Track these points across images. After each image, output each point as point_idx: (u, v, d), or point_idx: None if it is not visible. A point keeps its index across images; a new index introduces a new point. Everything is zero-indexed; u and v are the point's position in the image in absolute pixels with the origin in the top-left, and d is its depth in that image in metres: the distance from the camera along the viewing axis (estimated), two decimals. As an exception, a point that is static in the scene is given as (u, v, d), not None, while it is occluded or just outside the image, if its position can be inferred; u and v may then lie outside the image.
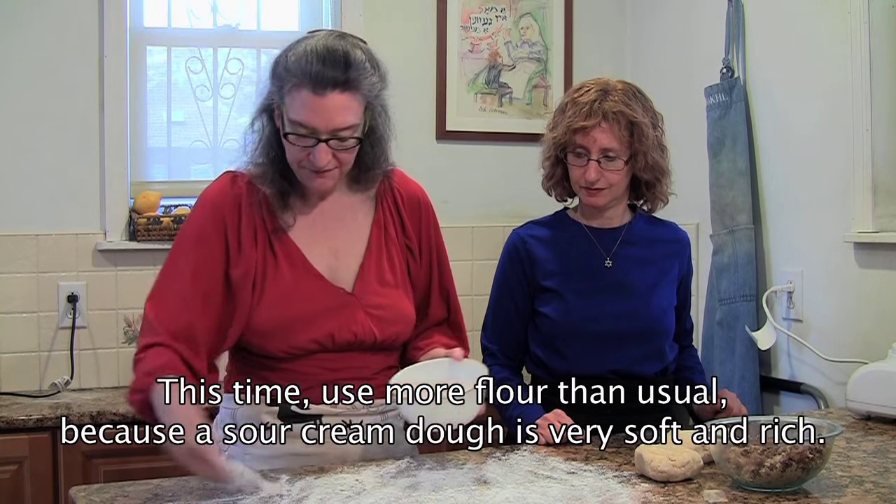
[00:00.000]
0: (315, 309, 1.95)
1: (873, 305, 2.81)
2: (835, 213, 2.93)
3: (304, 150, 1.89)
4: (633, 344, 2.31)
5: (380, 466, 1.90)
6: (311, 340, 1.94)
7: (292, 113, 1.88)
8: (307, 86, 1.86)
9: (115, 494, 1.76)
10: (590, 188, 2.28)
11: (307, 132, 1.88)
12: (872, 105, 2.80)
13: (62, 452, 2.86)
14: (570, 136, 2.27)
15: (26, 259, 3.27)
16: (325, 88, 1.86)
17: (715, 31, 3.37)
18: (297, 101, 1.87)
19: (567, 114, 2.28)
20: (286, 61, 1.89)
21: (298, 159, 1.91)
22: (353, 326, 1.96)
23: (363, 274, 2.00)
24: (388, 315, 2.00)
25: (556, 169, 2.36)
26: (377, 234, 2.05)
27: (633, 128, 2.25)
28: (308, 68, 1.86)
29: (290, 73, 1.87)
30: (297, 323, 1.93)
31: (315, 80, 1.85)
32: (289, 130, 1.89)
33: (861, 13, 2.81)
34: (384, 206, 2.07)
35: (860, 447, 2.11)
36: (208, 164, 3.62)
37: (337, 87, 1.87)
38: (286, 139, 1.90)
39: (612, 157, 2.25)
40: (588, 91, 2.28)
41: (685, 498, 1.74)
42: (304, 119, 1.87)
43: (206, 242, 1.93)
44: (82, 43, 3.33)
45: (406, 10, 3.70)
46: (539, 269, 2.34)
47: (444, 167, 3.66)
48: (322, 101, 1.86)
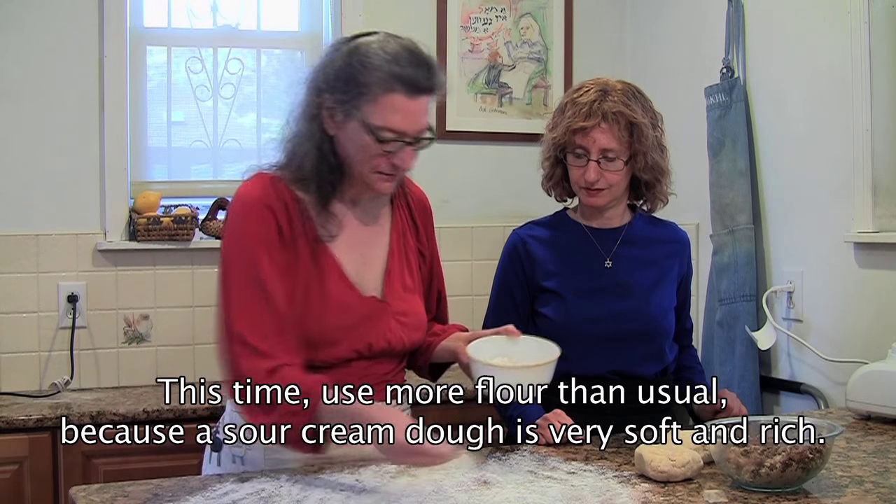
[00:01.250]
0: (354, 319, 1.94)
1: (873, 305, 2.81)
2: (835, 213, 2.93)
3: (385, 155, 1.87)
4: (633, 344, 2.31)
5: (380, 466, 1.90)
6: (353, 350, 1.94)
7: (379, 119, 1.84)
8: (400, 90, 1.83)
9: (115, 494, 1.76)
10: (589, 188, 2.28)
11: (395, 136, 1.86)
12: (872, 105, 2.80)
13: (62, 452, 2.86)
14: (569, 137, 2.27)
15: (26, 259, 3.27)
16: (418, 92, 1.85)
17: (715, 31, 3.37)
18: (388, 107, 1.84)
19: (566, 114, 2.28)
20: (364, 67, 1.84)
21: (376, 164, 1.88)
22: (387, 335, 1.98)
23: (389, 280, 2.01)
24: (412, 321, 2.03)
25: (556, 169, 2.36)
26: (397, 239, 2.05)
27: (632, 128, 2.25)
28: (400, 72, 1.83)
29: (378, 79, 1.83)
30: (341, 333, 1.93)
31: (409, 85, 1.84)
32: (380, 137, 1.84)
33: (861, 13, 2.81)
34: (400, 211, 2.08)
35: (860, 447, 2.11)
36: (208, 164, 3.62)
37: (425, 91, 1.87)
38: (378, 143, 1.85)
39: (612, 158, 2.25)
40: (588, 91, 2.28)
41: (685, 498, 1.74)
42: (396, 124, 1.85)
43: (273, 244, 1.88)
44: (82, 43, 3.33)
45: (406, 10, 3.70)
46: (539, 269, 2.34)
47: (444, 167, 3.66)
48: (414, 105, 1.85)
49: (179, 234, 3.37)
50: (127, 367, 3.37)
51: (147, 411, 2.93)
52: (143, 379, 3.37)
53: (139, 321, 3.39)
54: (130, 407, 2.96)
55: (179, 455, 2.75)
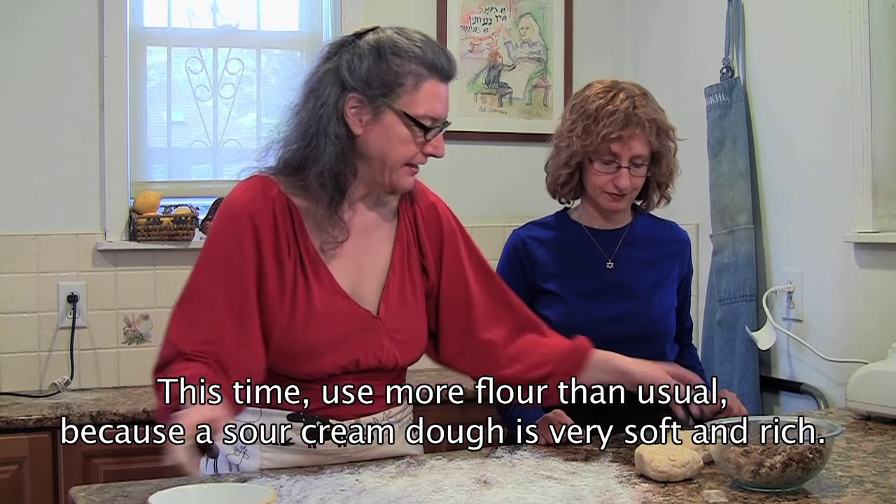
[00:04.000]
0: (342, 333, 1.88)
1: (873, 305, 2.81)
2: (835, 213, 2.93)
3: (423, 144, 1.88)
4: (634, 346, 2.29)
5: (380, 466, 1.90)
6: (337, 366, 1.88)
7: (421, 108, 1.85)
8: (437, 76, 1.86)
9: (115, 494, 1.76)
10: (615, 194, 2.27)
11: (433, 123, 1.88)
12: (872, 105, 2.80)
13: (62, 452, 2.86)
14: (604, 145, 2.23)
15: (26, 259, 3.27)
16: (448, 78, 1.89)
17: (715, 31, 3.37)
18: (430, 94, 1.85)
19: (600, 122, 2.23)
20: (397, 58, 1.84)
21: (412, 156, 1.89)
22: (378, 353, 1.91)
23: (387, 295, 1.94)
24: (409, 339, 1.97)
25: (574, 175, 2.32)
26: (400, 252, 1.98)
27: (660, 133, 2.25)
28: (433, 59, 1.85)
29: (413, 70, 1.84)
30: (325, 347, 1.87)
31: (442, 70, 1.87)
32: (427, 124, 1.86)
33: (861, 13, 2.81)
34: (405, 223, 2.01)
35: (860, 447, 2.11)
36: (208, 164, 3.62)
37: (452, 76, 1.90)
38: (425, 133, 1.86)
39: (640, 164, 2.25)
40: (614, 97, 2.24)
41: (685, 498, 1.74)
42: (436, 111, 1.87)
43: (241, 257, 1.82)
44: (82, 43, 3.33)
45: (406, 10, 3.70)
46: (539, 271, 2.34)
47: (444, 167, 3.64)
48: (446, 90, 1.89)
49: (179, 234, 3.37)
50: (127, 367, 3.37)
51: (147, 411, 2.93)
52: (143, 379, 3.36)
53: (139, 321, 3.39)
54: (130, 407, 2.96)
55: (179, 455, 2.75)
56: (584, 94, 2.32)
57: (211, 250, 1.86)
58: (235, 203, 1.87)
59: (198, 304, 1.81)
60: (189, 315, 1.81)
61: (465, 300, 2.03)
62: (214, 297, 1.81)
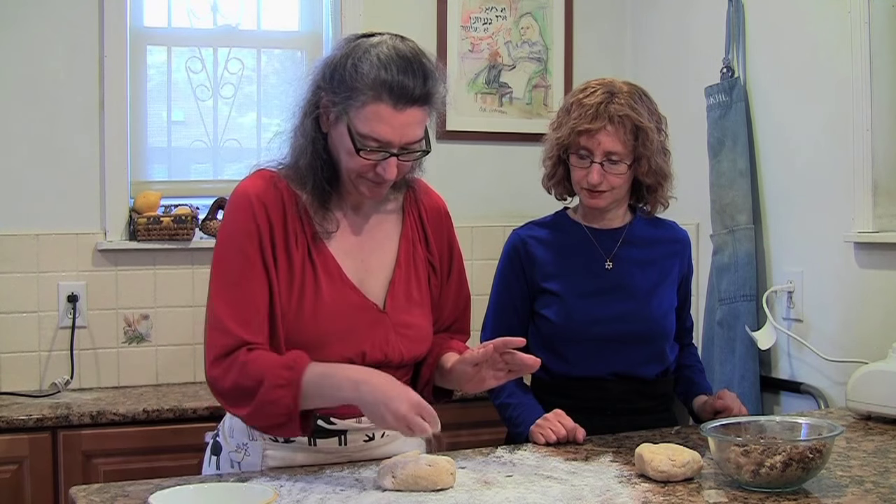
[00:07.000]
0: (349, 324, 1.89)
1: (873, 305, 2.81)
2: (835, 213, 2.93)
3: (370, 162, 1.83)
4: (634, 346, 2.30)
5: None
6: (344, 357, 1.88)
7: (364, 126, 1.80)
8: (387, 100, 1.78)
9: (115, 494, 1.76)
10: (591, 190, 2.27)
11: (379, 146, 1.81)
12: (872, 105, 2.80)
13: (62, 452, 2.86)
14: (574, 138, 2.24)
15: (26, 259, 3.27)
16: (406, 104, 1.79)
17: (715, 31, 3.37)
18: (373, 116, 1.79)
19: (572, 115, 2.25)
20: (356, 70, 1.80)
21: (361, 170, 1.84)
22: (384, 347, 1.92)
23: (393, 290, 1.96)
24: (414, 335, 1.97)
25: (558, 169, 2.34)
26: (406, 248, 2.00)
27: (637, 132, 2.23)
28: (389, 80, 1.78)
29: (365, 86, 1.78)
30: (332, 337, 1.88)
31: (396, 94, 1.78)
32: (360, 145, 1.81)
33: (861, 13, 2.81)
34: (410, 219, 2.03)
35: (860, 447, 2.11)
36: (208, 164, 3.62)
37: (416, 102, 1.80)
38: (357, 153, 1.81)
39: (616, 161, 2.24)
40: (594, 92, 2.25)
41: (685, 498, 1.74)
42: (381, 134, 1.80)
43: (261, 237, 1.85)
44: (82, 43, 3.33)
45: (406, 10, 3.70)
46: (538, 270, 2.34)
47: (444, 167, 3.65)
48: (400, 117, 1.80)
49: (179, 233, 3.37)
50: (127, 367, 3.37)
51: (147, 411, 2.93)
52: (143, 379, 3.37)
53: (139, 321, 3.39)
54: (130, 407, 2.96)
55: (179, 455, 2.76)
56: (574, 90, 2.35)
57: (231, 233, 1.88)
58: (248, 190, 1.89)
59: (241, 289, 1.84)
60: (235, 300, 1.83)
61: (445, 299, 2.09)
62: (253, 280, 1.84)
